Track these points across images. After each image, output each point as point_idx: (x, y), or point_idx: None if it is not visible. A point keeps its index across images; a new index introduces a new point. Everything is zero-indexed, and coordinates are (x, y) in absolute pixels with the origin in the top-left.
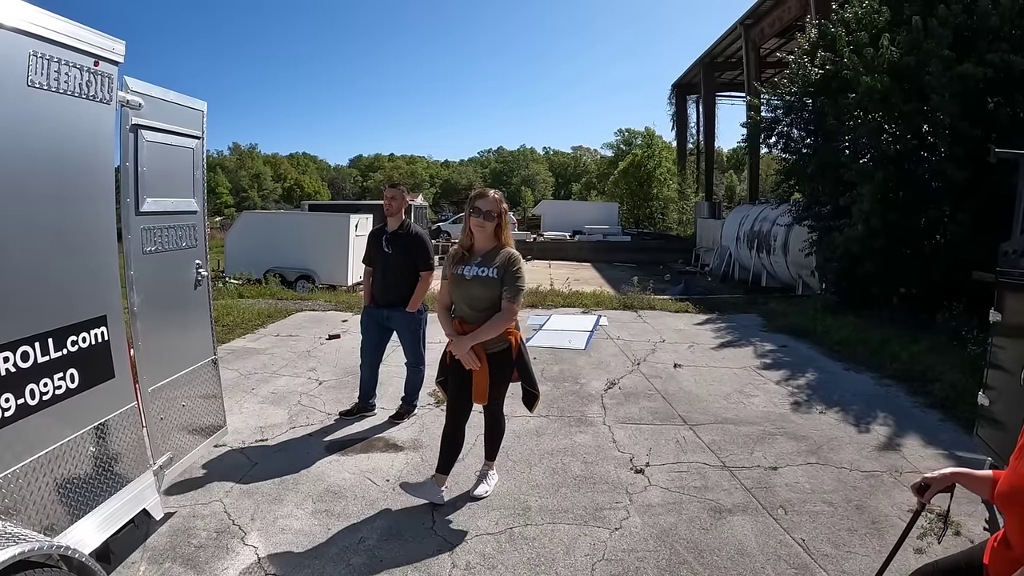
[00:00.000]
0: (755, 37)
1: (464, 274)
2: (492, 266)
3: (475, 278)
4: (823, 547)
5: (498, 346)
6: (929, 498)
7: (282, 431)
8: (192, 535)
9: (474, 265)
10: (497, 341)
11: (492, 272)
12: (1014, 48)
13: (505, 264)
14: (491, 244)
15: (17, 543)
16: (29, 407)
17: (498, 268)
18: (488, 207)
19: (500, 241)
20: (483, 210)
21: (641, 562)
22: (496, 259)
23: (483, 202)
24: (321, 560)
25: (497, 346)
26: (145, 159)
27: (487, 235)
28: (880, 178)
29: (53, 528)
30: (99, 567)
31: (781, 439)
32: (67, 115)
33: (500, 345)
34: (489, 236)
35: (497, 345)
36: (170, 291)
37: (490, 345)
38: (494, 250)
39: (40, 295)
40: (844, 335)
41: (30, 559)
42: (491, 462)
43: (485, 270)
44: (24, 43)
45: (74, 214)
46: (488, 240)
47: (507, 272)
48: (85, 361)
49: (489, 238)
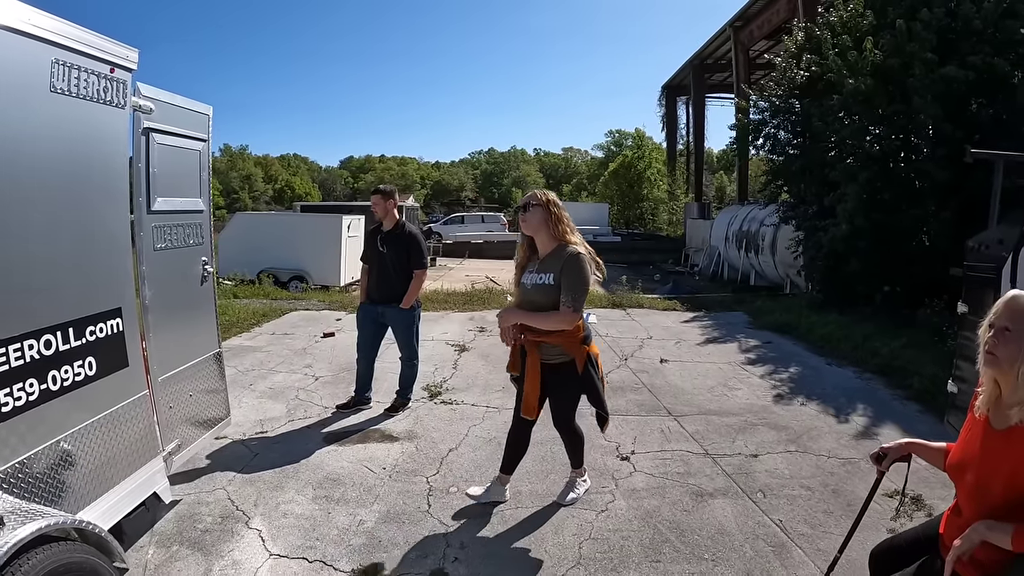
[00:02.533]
0: (744, 39)
1: (525, 283)
2: (549, 272)
3: (534, 287)
4: (800, 527)
5: (557, 358)
6: (887, 466)
7: (281, 424)
8: (198, 520)
9: (533, 271)
10: (556, 352)
11: (549, 279)
12: (996, 51)
13: (562, 267)
14: (551, 245)
15: (36, 519)
16: (51, 392)
17: (555, 274)
18: (524, 200)
19: (560, 239)
20: (520, 204)
21: (626, 540)
22: (554, 263)
23: (523, 199)
24: (323, 541)
25: (555, 357)
26: (156, 161)
27: (540, 233)
28: (864, 178)
29: (71, 507)
30: (115, 541)
31: (763, 429)
32: (86, 119)
33: (559, 357)
34: (545, 236)
35: (556, 356)
36: (179, 286)
37: (548, 355)
38: (554, 252)
39: (62, 287)
40: (827, 331)
41: (48, 534)
42: (578, 469)
43: (543, 277)
44: (47, 51)
45: (93, 211)
46: (547, 241)
47: (564, 276)
48: (102, 350)
49: (546, 238)
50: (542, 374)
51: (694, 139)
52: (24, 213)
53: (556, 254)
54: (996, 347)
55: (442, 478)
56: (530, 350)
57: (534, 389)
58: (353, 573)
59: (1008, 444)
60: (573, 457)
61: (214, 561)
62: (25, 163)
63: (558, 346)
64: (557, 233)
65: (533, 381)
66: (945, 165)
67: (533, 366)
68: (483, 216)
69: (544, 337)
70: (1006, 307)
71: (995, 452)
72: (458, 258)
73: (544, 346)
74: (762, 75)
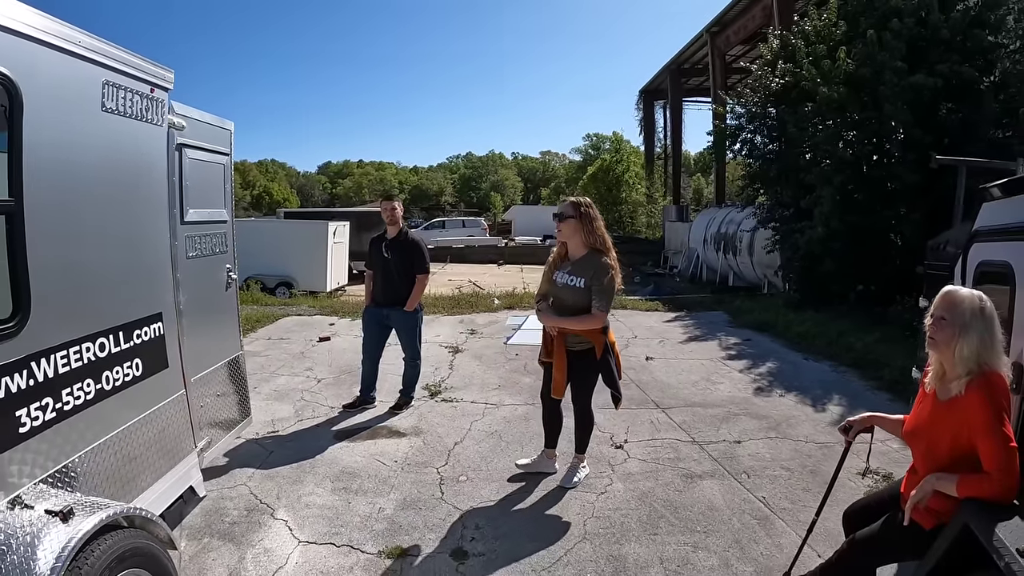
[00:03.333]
0: (721, 44)
1: (556, 280)
2: (581, 276)
3: (565, 286)
4: (782, 503)
5: (580, 345)
6: (853, 436)
7: (291, 423)
8: (224, 514)
9: (565, 272)
10: (578, 341)
11: (580, 283)
12: (964, 58)
13: (593, 275)
14: (582, 251)
15: (100, 510)
16: (105, 391)
17: (586, 279)
18: (559, 209)
19: (591, 246)
20: (555, 213)
21: (625, 518)
22: (586, 269)
23: (557, 208)
24: (347, 528)
25: (579, 345)
26: (188, 174)
27: (573, 239)
28: (839, 181)
29: (125, 499)
30: (166, 527)
31: (744, 418)
32: (131, 135)
33: (582, 345)
34: (578, 241)
35: (579, 344)
36: (207, 292)
37: (572, 343)
38: (586, 257)
39: (114, 293)
40: (804, 329)
41: (112, 523)
42: (580, 455)
43: (574, 279)
44: (100, 73)
45: (138, 222)
46: (579, 246)
47: (594, 282)
48: (146, 352)
49: (579, 244)
50: (568, 360)
51: (672, 143)
52: (82, 223)
53: (588, 261)
54: (936, 332)
55: (451, 468)
56: (558, 340)
57: (561, 373)
58: (381, 554)
59: (950, 412)
60: (580, 441)
61: (246, 550)
62: (84, 175)
63: (580, 335)
64: (589, 241)
65: (560, 366)
66: (915, 169)
67: (560, 354)
68: (464, 221)
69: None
70: (942, 299)
71: (941, 419)
72: (440, 263)
73: (569, 336)
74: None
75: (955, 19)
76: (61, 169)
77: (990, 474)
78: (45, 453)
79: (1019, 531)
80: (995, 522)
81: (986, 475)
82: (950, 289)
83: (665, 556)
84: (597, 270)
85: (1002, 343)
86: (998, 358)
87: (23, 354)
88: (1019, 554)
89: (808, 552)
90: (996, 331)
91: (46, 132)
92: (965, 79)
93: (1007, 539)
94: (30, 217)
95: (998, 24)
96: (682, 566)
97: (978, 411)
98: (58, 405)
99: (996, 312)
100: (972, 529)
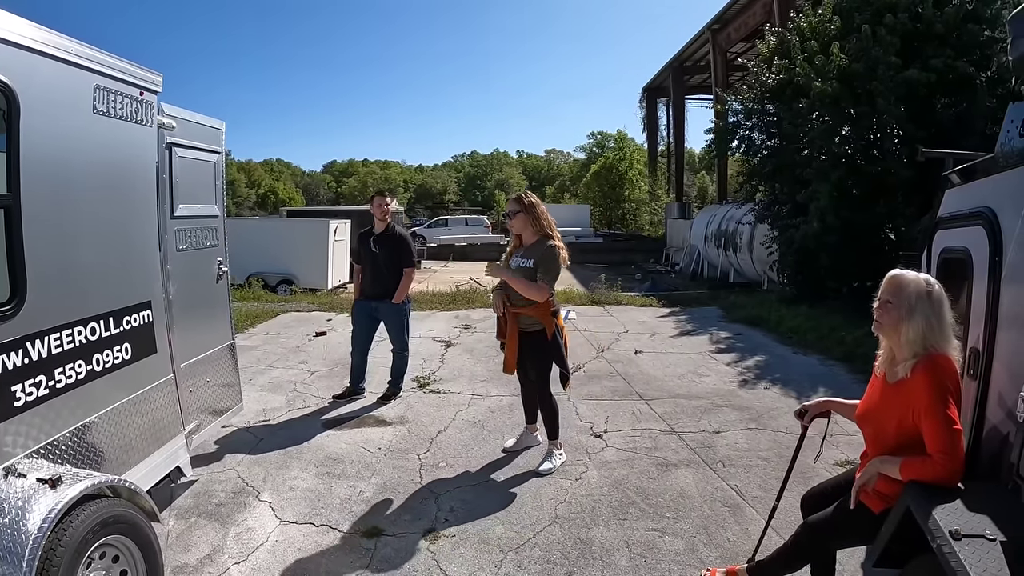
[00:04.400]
0: (722, 42)
1: (511, 265)
2: (530, 258)
3: (517, 268)
4: (754, 491)
5: (531, 327)
6: (809, 420)
7: (282, 413)
8: (212, 496)
9: (519, 257)
10: (530, 322)
11: (529, 263)
12: (959, 53)
13: (540, 256)
14: (534, 238)
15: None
16: (95, 372)
17: (535, 259)
18: (508, 208)
19: (540, 232)
20: (504, 213)
21: (597, 503)
22: (535, 251)
23: (507, 205)
24: (327, 509)
25: (530, 326)
26: (177, 171)
27: (525, 230)
28: (836, 177)
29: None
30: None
31: (726, 410)
32: (121, 136)
33: (533, 326)
34: (528, 231)
35: (530, 325)
36: (198, 283)
37: (525, 324)
38: (537, 243)
39: (104, 281)
40: (796, 323)
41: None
42: (554, 440)
43: (525, 261)
44: (91, 78)
45: (127, 216)
46: (530, 235)
47: (541, 261)
48: (135, 338)
49: (530, 233)
50: (520, 340)
51: (674, 140)
52: (74, 216)
53: (537, 245)
54: (882, 316)
55: (432, 455)
56: (511, 320)
57: (512, 351)
58: (355, 534)
59: (898, 394)
60: (549, 428)
61: (230, 528)
62: (76, 173)
63: (532, 317)
64: (537, 228)
65: (512, 345)
66: (909, 163)
67: (512, 333)
68: (467, 219)
69: (522, 310)
70: (888, 283)
71: (889, 402)
72: (443, 260)
73: (522, 317)
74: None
75: (949, 14)
76: (55, 167)
77: (932, 456)
78: (38, 427)
79: (956, 513)
80: (934, 504)
81: (928, 458)
82: (895, 273)
83: (632, 540)
84: (544, 251)
85: (952, 327)
86: (946, 341)
87: (19, 334)
88: (952, 536)
89: (775, 539)
90: (944, 314)
91: (41, 133)
92: (960, 74)
93: (942, 521)
94: (27, 210)
95: (993, 19)
96: (647, 550)
97: (922, 393)
98: (51, 383)
99: (945, 296)
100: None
